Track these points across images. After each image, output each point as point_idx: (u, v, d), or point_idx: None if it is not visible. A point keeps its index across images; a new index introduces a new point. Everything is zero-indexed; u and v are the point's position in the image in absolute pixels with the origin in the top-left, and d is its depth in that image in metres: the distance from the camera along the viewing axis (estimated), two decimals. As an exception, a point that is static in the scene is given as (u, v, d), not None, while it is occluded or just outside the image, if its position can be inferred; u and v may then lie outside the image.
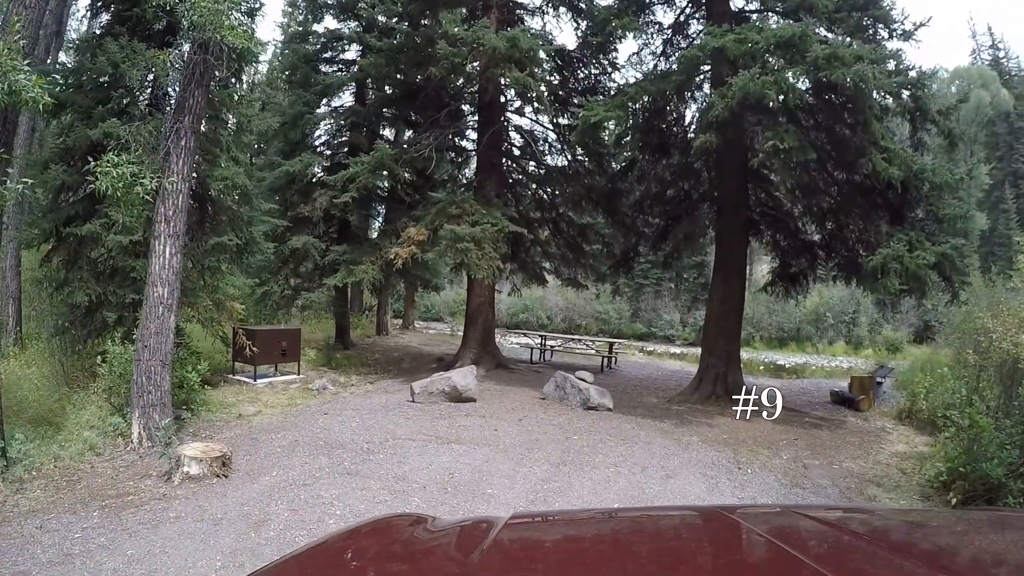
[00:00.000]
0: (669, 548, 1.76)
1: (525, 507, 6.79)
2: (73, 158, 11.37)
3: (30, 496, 6.57)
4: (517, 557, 1.70)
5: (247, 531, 5.69)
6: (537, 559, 1.72)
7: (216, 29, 8.57)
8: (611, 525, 2.10)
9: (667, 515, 2.32)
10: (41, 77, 6.99)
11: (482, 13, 17.04)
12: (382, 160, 15.47)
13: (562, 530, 2.05)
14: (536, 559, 1.73)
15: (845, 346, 32.31)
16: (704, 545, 1.80)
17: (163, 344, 8.74)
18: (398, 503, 6.61)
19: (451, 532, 1.88)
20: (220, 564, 5.03)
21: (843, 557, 1.55)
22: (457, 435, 9.63)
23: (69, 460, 7.66)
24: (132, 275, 11.52)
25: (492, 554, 1.56)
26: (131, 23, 11.88)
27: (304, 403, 12.03)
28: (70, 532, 5.65)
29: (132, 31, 12.01)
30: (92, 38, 11.79)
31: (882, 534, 1.84)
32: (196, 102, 9.16)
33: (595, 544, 1.85)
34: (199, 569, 4.95)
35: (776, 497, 7.58)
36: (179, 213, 8.93)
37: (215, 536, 5.58)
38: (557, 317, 37.70)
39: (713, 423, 11.61)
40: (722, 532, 1.84)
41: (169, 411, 8.85)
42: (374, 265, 15.15)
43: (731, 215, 14.49)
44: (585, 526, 2.13)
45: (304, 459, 8.07)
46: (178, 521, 5.89)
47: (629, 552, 1.72)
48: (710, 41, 11.28)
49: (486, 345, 17.61)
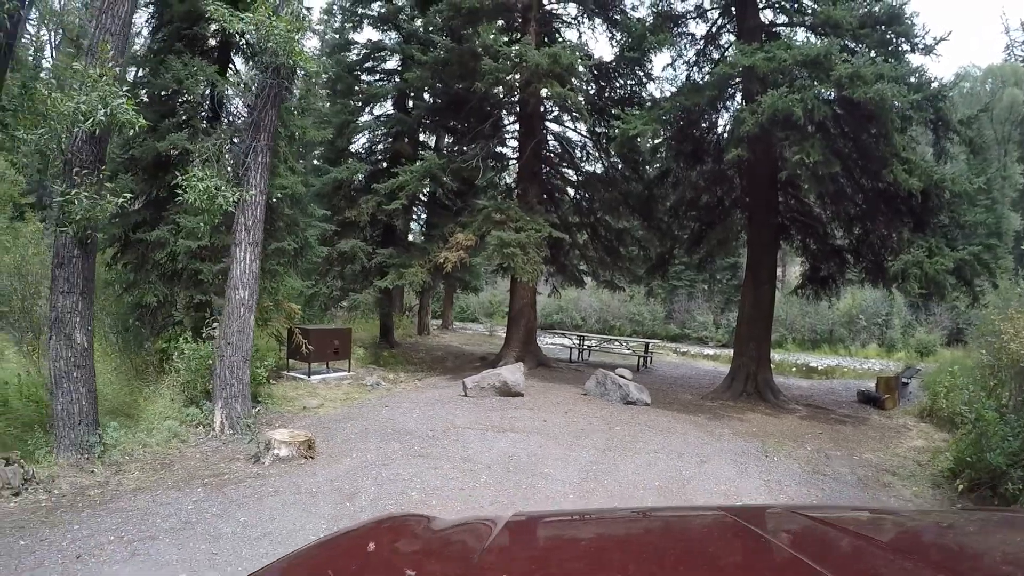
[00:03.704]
0: (670, 548, 1.82)
1: (577, 483, 7.61)
2: (138, 168, 12.24)
3: (130, 477, 7.36)
4: (518, 557, 1.74)
5: (342, 501, 6.59)
6: (538, 559, 1.76)
7: (289, 55, 9.45)
8: (611, 525, 2.16)
9: (668, 515, 2.40)
10: (131, 100, 7.86)
11: (521, 25, 17.87)
12: (430, 169, 16.22)
13: (562, 530, 2.13)
14: (537, 559, 1.77)
15: (878, 348, 31.75)
16: (705, 545, 1.84)
17: (244, 342, 9.64)
18: (468, 480, 7.48)
19: (452, 532, 1.91)
20: (325, 527, 5.90)
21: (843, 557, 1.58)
22: (511, 425, 10.48)
23: (155, 446, 8.46)
24: (199, 277, 12.40)
25: (493, 554, 1.60)
26: (187, 40, 12.77)
27: (361, 398, 12.86)
28: (182, 505, 6.43)
29: (189, 47, 12.91)
30: (152, 54, 12.61)
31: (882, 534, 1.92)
32: (270, 121, 10.02)
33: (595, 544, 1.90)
34: (307, 531, 5.81)
35: (798, 481, 8.26)
36: (257, 223, 9.80)
37: (315, 506, 6.46)
38: (591, 318, 37.84)
39: (744, 418, 12.29)
40: (723, 532, 1.88)
41: (249, 402, 9.77)
42: (423, 268, 15.95)
43: (762, 221, 15.07)
44: (585, 526, 2.18)
45: (377, 444, 8.98)
46: (278, 495, 6.76)
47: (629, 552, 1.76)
48: (741, 59, 11.86)
49: (528, 345, 18.31)
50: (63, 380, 7.81)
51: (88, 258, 8.28)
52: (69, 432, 7.71)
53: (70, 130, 7.71)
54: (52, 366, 7.87)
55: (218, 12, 9.08)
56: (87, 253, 8.17)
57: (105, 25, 8.58)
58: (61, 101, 7.42)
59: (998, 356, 9.56)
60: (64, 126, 7.61)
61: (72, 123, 7.52)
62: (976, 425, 8.04)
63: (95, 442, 7.80)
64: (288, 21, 9.31)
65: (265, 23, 9.05)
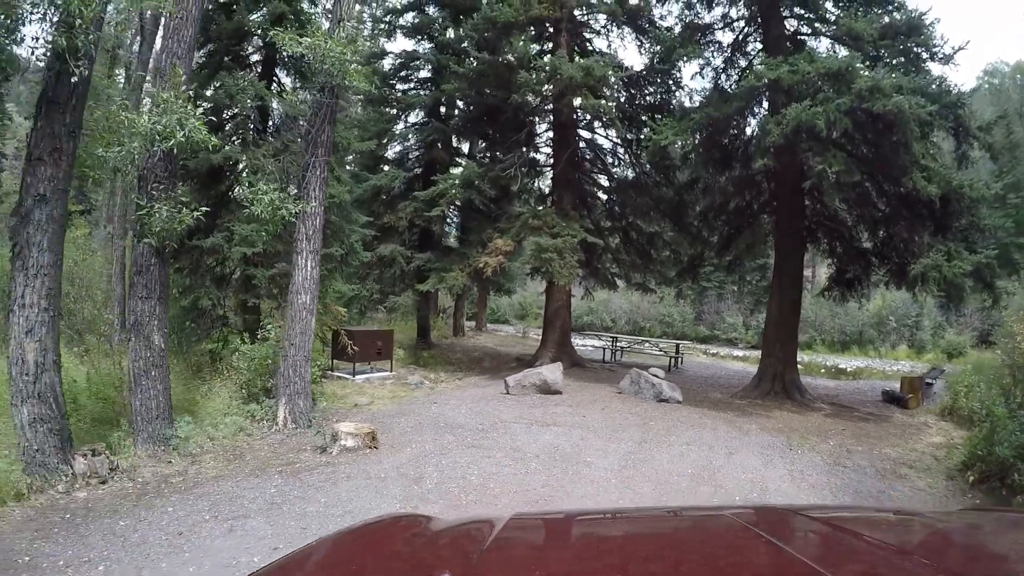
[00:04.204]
0: (670, 548, 1.82)
1: (617, 471, 8.32)
2: (192, 178, 12.96)
3: (207, 466, 8.08)
4: (517, 557, 1.75)
5: (410, 485, 7.37)
6: (537, 559, 1.78)
7: (343, 75, 10.17)
8: (611, 526, 2.20)
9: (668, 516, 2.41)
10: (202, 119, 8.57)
11: (552, 35, 18.63)
12: (469, 178, 16.99)
13: (562, 530, 2.15)
14: (536, 559, 1.78)
15: (907, 350, 31.26)
16: (705, 545, 1.85)
17: (306, 342, 10.41)
18: (520, 467, 8.24)
19: (452, 532, 1.93)
20: (399, 505, 6.71)
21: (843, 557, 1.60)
22: (553, 420, 11.22)
23: (223, 439, 9.19)
24: (253, 282, 13.17)
25: (493, 554, 1.61)
26: (234, 56, 13.55)
27: (407, 396, 13.63)
28: (265, 489, 7.17)
29: (236, 62, 13.69)
30: (199, 68, 13.20)
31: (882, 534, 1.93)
32: (327, 137, 10.74)
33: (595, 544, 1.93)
34: (383, 510, 6.57)
35: (820, 471, 8.87)
36: (317, 232, 10.55)
37: (385, 488, 7.24)
38: (621, 320, 38.04)
39: (771, 415, 12.89)
40: (723, 533, 1.89)
41: (310, 398, 10.54)
42: (463, 272, 16.71)
43: (788, 225, 15.57)
44: (585, 527, 2.21)
45: (433, 436, 9.77)
46: (351, 480, 7.52)
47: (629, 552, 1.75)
48: (767, 72, 12.39)
49: (563, 345, 19.01)
50: (142, 378, 8.55)
51: (164, 266, 9.05)
52: (147, 426, 8.44)
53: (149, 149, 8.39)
54: (131, 366, 8.60)
55: (278, 37, 9.81)
56: (163, 262, 8.94)
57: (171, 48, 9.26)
58: (138, 122, 8.10)
59: (1012, 357, 10.03)
60: (142, 145, 8.32)
61: (150, 142, 8.20)
62: (987, 421, 8.61)
63: (171, 435, 8.53)
64: (342, 44, 9.97)
65: (321, 47, 9.70)
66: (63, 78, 7.10)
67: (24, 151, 25.51)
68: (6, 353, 7.26)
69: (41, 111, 7.24)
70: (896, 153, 12.28)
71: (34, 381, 6.91)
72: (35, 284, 7.01)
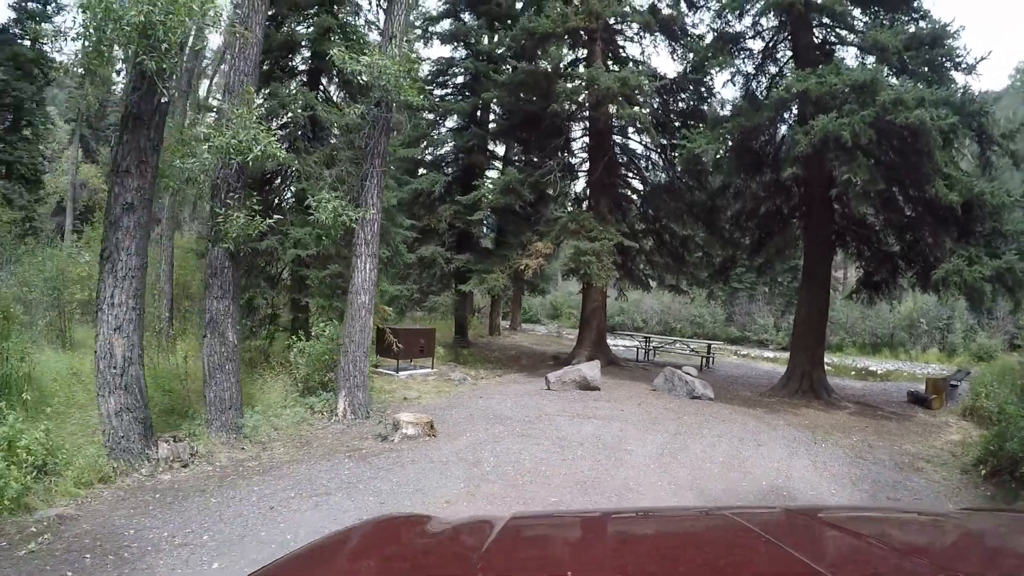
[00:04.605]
0: (669, 549, 1.85)
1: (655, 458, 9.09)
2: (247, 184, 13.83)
3: (278, 452, 8.87)
4: (517, 557, 1.75)
5: (470, 467, 8.21)
6: (537, 559, 1.77)
7: (398, 91, 10.92)
8: (611, 526, 2.21)
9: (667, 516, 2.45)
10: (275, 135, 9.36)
11: (587, 43, 19.32)
12: (510, 183, 17.71)
13: (562, 530, 2.16)
14: (536, 559, 1.77)
15: (939, 353, 31.35)
16: (704, 546, 1.87)
17: (365, 339, 11.20)
18: (567, 453, 9.04)
19: (451, 532, 1.94)
20: (463, 485, 7.52)
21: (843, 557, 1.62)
22: (593, 413, 12.01)
23: (286, 428, 9.95)
24: (306, 282, 13.97)
25: (492, 554, 1.62)
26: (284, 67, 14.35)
27: (452, 391, 14.44)
28: (338, 471, 7.96)
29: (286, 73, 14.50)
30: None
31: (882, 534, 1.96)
32: (382, 148, 11.52)
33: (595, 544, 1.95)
34: (449, 487, 7.43)
35: (841, 462, 9.53)
36: (374, 237, 11.34)
37: (448, 471, 8.07)
38: (653, 320, 38.46)
39: (798, 412, 13.53)
40: (722, 533, 1.90)
41: (368, 391, 11.33)
42: (503, 274, 17.50)
43: (816, 230, 16.16)
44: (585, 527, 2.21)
45: (484, 426, 10.60)
46: (415, 464, 8.35)
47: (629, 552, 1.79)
48: (795, 84, 13.00)
49: (599, 345, 19.77)
50: (216, 372, 9.38)
51: (237, 269, 9.91)
52: (220, 415, 9.26)
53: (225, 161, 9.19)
54: (206, 360, 9.42)
55: (339, 56, 10.62)
56: (236, 265, 9.79)
57: (238, 67, 10.08)
58: (215, 137, 8.89)
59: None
60: (216, 157, 9.09)
61: (226, 156, 8.99)
62: (1000, 418, 9.20)
63: (242, 424, 9.35)
64: (398, 62, 10.74)
65: (378, 65, 10.47)
66: (147, 96, 7.90)
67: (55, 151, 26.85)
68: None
69: (127, 126, 7.98)
70: (919, 161, 12.71)
71: (121, 374, 7.65)
72: (124, 285, 7.77)
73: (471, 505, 6.96)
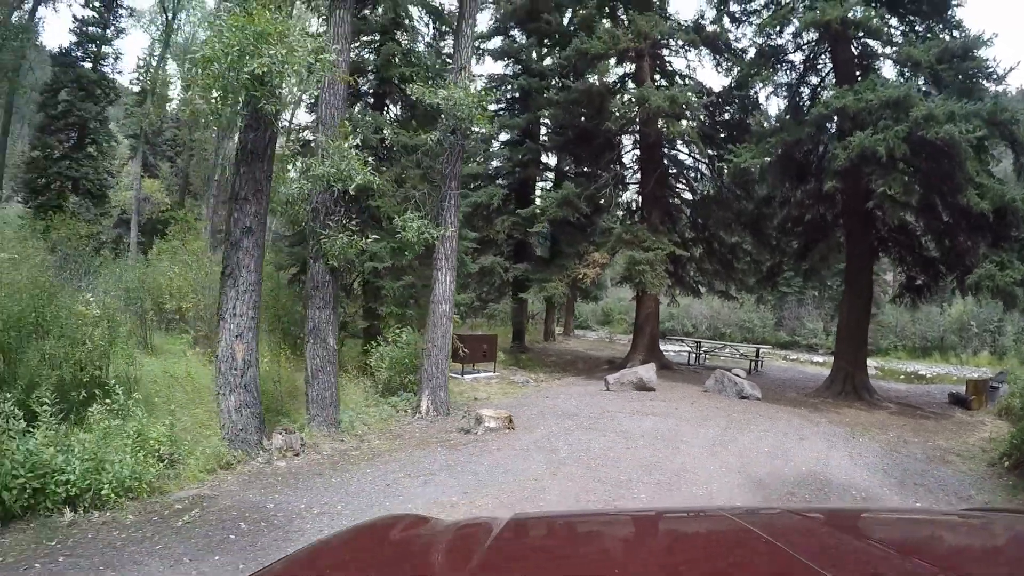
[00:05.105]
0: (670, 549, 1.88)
1: (708, 447, 10.23)
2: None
3: (375, 444, 10.06)
4: (518, 557, 1.77)
5: (548, 454, 9.49)
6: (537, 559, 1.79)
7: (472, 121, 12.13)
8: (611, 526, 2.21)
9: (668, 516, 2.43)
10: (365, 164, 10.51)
11: (635, 59, 20.33)
12: (567, 196, 18.77)
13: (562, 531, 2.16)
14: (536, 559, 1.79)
15: (989, 356, 30.41)
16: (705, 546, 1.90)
17: (446, 344, 12.43)
18: (630, 444, 10.24)
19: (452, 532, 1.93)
20: (545, 467, 8.79)
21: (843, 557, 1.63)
22: (650, 410, 13.17)
23: (375, 424, 11.20)
24: (382, 292, 15.20)
25: (493, 554, 1.63)
26: (352, 91, 15.52)
27: (518, 392, 15.71)
28: (436, 458, 9.17)
29: (352, 95, 15.60)
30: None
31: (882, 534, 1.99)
32: (457, 171, 12.73)
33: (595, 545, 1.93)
34: (534, 469, 8.69)
35: (876, 455, 10.41)
36: (453, 252, 12.56)
37: (530, 456, 9.35)
38: (702, 325, 38.61)
39: (840, 412, 14.41)
40: (723, 533, 1.93)
41: (447, 391, 12.55)
42: (561, 282, 18.67)
43: (858, 238, 16.89)
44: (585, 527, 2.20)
45: (554, 421, 11.86)
46: (500, 451, 9.61)
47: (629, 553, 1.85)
48: (834, 101, 13.98)
49: (652, 349, 20.77)
50: (319, 373, 10.75)
51: (336, 282, 11.25)
52: (321, 412, 10.59)
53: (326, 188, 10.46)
54: (309, 363, 10.79)
55: (419, 90, 11.89)
56: (335, 279, 11.10)
57: (329, 101, 11.41)
58: (316, 167, 10.17)
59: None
60: (315, 185, 10.36)
61: (327, 183, 10.25)
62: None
63: (340, 419, 10.67)
64: (472, 95, 11.96)
65: (455, 97, 11.71)
66: (260, 134, 9.23)
67: (116, 167, 28.39)
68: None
69: (244, 159, 9.27)
70: (952, 171, 13.37)
71: (241, 375, 8.96)
72: (244, 298, 9.11)
73: (554, 482, 8.18)
